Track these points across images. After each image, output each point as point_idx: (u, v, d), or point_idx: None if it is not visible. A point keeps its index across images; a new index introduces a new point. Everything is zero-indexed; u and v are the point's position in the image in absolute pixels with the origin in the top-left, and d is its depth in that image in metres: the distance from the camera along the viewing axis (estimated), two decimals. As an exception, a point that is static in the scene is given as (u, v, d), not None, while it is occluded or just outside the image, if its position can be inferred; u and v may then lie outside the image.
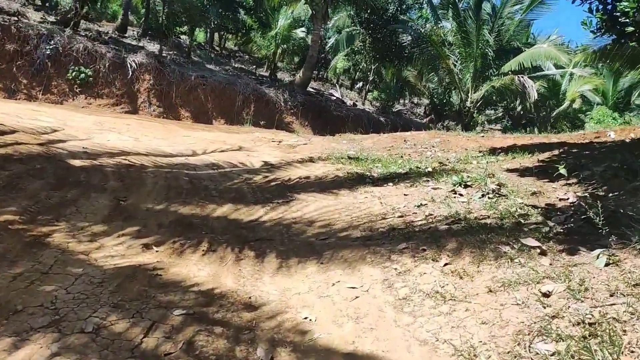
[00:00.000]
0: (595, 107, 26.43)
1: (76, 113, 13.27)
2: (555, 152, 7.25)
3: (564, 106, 26.05)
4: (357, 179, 6.54)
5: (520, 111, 31.41)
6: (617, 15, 5.40)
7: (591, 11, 5.67)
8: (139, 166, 6.93)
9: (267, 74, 23.47)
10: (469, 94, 19.11)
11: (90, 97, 16.37)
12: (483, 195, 5.04)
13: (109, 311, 2.99)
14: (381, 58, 23.06)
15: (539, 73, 19.99)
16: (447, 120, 27.60)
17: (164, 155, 8.29)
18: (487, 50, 18.56)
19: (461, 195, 5.25)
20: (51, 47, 15.69)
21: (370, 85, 27.56)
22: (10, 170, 5.54)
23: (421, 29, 20.98)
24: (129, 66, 16.96)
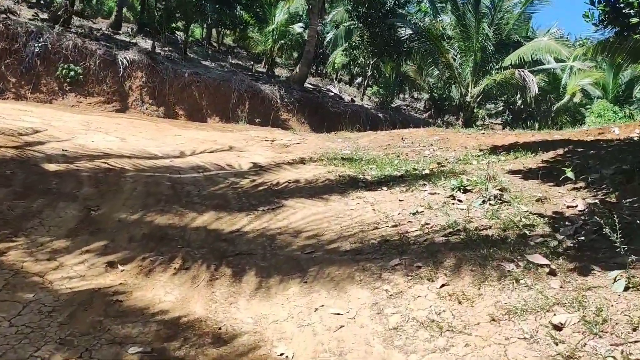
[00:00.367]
0: (595, 101, 26.03)
1: (64, 112, 12.83)
2: (559, 152, 6.83)
3: (565, 100, 25.64)
4: (350, 183, 6.12)
5: (520, 105, 30.95)
6: (621, 6, 5.11)
7: (593, 3, 5.36)
8: (119, 170, 6.52)
9: (265, 70, 23.01)
10: (469, 89, 18.70)
11: (80, 96, 15.95)
12: (484, 201, 4.62)
13: (54, 349, 2.60)
14: (379, 53, 22.58)
15: (539, 67, 19.61)
16: (447, 115, 27.11)
17: (149, 157, 7.87)
18: (487, 43, 18.18)
19: (460, 201, 4.83)
20: (40, 45, 15.25)
21: (369, 80, 27.05)
22: (-27, 178, 5.14)
23: (420, 23, 20.54)
24: (120, 63, 16.51)
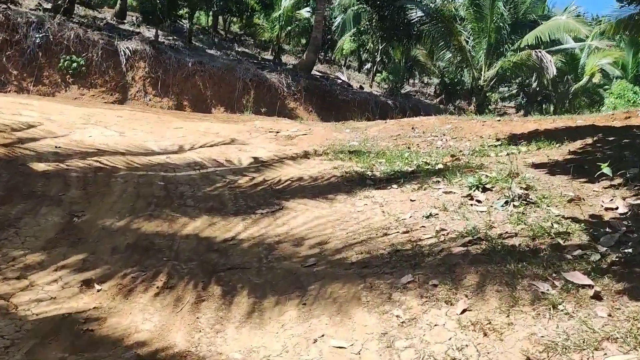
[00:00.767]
0: (614, 81, 25.14)
1: (65, 105, 12.42)
2: (587, 141, 6.25)
3: (583, 81, 24.75)
4: (357, 180, 5.62)
5: (536, 87, 30.03)
6: None
7: (619, -22, 4.76)
8: (110, 169, 6.09)
9: (272, 58, 22.44)
10: (482, 72, 18.03)
11: (83, 88, 15.59)
12: (507, 202, 4.11)
13: (1, 400, 2.19)
14: (389, 37, 21.84)
15: (557, 47, 18.86)
16: (459, 100, 26.35)
17: (145, 153, 7.44)
18: (502, 24, 17.43)
19: (479, 202, 4.32)
20: (41, 36, 14.86)
21: (378, 66, 26.32)
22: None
23: (431, 4, 19.78)
24: (122, 53, 16.10)
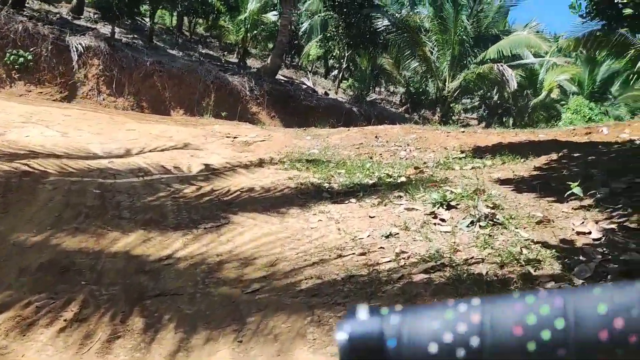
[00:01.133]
0: (571, 97, 25.88)
1: (8, 102, 11.51)
2: (553, 157, 6.05)
3: (542, 96, 25.35)
4: (313, 193, 5.20)
5: (497, 100, 30.56)
6: None
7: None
8: (39, 174, 5.45)
9: (237, 61, 21.87)
10: (446, 83, 18.09)
11: (30, 84, 14.63)
12: (472, 222, 3.77)
13: None
14: (355, 44, 21.67)
15: (518, 62, 19.24)
16: (423, 109, 26.46)
17: (85, 156, 6.80)
18: (465, 37, 17.59)
19: (443, 220, 3.97)
20: (-15, 29, 13.87)
21: (344, 73, 26.12)
22: None
23: (397, 14, 19.77)
24: (74, 49, 15.22)
